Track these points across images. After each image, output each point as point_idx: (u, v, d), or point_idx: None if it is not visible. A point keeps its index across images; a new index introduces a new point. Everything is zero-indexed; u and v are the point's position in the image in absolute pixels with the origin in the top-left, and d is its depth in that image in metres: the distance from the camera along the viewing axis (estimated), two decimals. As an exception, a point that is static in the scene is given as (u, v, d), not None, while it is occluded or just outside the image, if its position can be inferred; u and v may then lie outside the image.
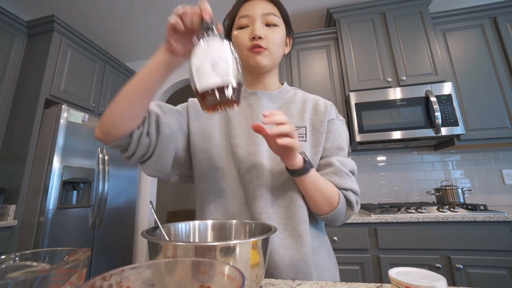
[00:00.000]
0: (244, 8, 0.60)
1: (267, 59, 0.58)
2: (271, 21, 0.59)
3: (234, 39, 0.61)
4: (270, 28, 0.59)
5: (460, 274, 1.26)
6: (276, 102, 0.65)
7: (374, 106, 1.73)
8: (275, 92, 0.65)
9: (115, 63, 2.44)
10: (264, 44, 0.57)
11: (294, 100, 0.65)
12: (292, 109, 0.63)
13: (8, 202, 1.62)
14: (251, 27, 0.58)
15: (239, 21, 0.60)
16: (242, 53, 0.59)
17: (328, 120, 0.61)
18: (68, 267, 0.26)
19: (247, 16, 0.59)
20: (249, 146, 0.58)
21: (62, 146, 1.71)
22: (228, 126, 0.62)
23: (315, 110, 0.63)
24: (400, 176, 2.00)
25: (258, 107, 0.63)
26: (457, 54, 1.80)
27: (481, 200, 1.83)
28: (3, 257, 0.30)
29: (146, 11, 2.13)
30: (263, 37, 0.57)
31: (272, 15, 0.59)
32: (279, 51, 0.60)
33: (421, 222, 1.35)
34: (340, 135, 0.62)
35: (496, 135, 1.63)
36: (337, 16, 2.01)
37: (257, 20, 0.58)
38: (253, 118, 0.62)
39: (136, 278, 0.23)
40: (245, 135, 0.60)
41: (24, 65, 1.89)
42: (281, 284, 0.47)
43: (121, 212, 2.18)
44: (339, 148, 0.61)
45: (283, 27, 0.62)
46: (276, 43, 0.59)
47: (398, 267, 0.37)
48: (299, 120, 0.62)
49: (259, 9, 0.58)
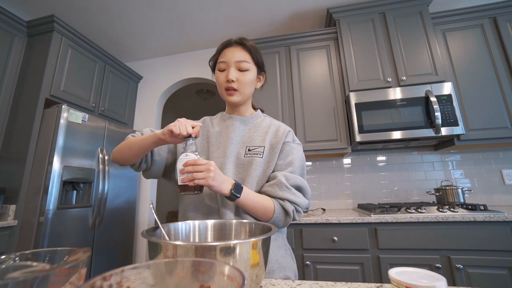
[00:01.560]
0: (224, 54, 0.76)
1: (237, 97, 0.76)
2: (242, 67, 0.75)
3: (216, 79, 0.78)
4: (241, 73, 0.75)
5: (460, 274, 1.26)
6: (246, 125, 0.81)
7: (374, 106, 1.73)
8: (246, 117, 0.82)
9: (115, 63, 2.44)
10: (235, 86, 0.74)
11: (261, 125, 0.81)
12: (258, 132, 0.79)
13: (8, 202, 1.62)
14: (227, 71, 0.75)
15: (219, 65, 0.77)
16: (220, 91, 0.78)
17: (284, 142, 0.76)
18: (68, 267, 0.26)
19: (224, 62, 0.76)
20: (220, 159, 0.74)
21: (62, 146, 1.71)
22: (208, 144, 0.79)
23: (275, 134, 0.78)
24: (400, 176, 2.00)
25: (232, 128, 0.79)
26: (457, 54, 1.80)
27: (481, 200, 1.83)
28: (3, 257, 0.30)
29: (146, 11, 2.13)
30: (235, 80, 0.74)
31: (244, 62, 0.75)
32: (249, 89, 0.77)
33: (421, 222, 1.35)
34: (292, 154, 0.75)
35: (496, 135, 1.63)
36: (337, 16, 2.01)
37: (231, 67, 0.74)
38: (228, 135, 0.78)
39: (136, 278, 0.23)
40: (220, 150, 0.76)
41: (24, 65, 1.89)
42: (281, 284, 0.47)
43: (121, 212, 2.18)
44: (289, 165, 0.73)
45: (254, 69, 0.77)
46: (246, 84, 0.75)
47: (398, 267, 0.37)
48: (261, 141, 0.76)
49: (233, 57, 0.74)
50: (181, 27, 2.36)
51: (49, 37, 1.87)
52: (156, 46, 2.65)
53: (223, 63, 0.76)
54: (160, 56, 2.86)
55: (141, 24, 2.30)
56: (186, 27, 2.36)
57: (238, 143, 0.77)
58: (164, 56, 2.86)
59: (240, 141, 0.77)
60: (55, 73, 1.85)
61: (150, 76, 2.86)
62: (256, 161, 0.73)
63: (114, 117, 2.42)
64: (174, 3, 2.06)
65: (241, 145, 0.76)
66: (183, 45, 2.66)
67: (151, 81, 2.85)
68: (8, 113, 1.80)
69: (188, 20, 2.27)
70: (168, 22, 2.28)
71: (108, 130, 2.11)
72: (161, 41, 2.57)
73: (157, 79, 2.83)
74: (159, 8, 2.11)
